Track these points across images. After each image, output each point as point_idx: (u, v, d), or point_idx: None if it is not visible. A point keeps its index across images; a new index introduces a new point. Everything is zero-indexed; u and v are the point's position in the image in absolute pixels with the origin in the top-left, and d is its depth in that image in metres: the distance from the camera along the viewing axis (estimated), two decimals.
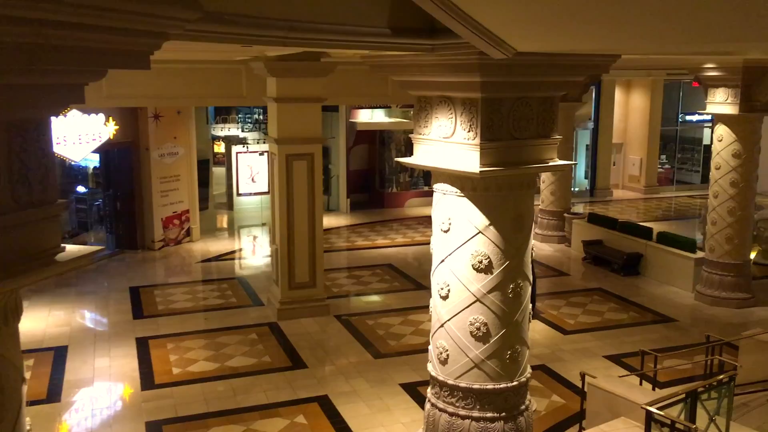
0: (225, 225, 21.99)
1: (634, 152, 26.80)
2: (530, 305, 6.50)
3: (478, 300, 6.17)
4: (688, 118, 27.26)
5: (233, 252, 18.68)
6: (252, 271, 17.05)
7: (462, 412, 6.39)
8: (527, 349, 6.53)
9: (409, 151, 22.46)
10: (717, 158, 14.16)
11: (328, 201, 23.43)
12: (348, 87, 16.70)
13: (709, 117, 27.08)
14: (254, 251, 19.25)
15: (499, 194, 6.02)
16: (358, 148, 24.72)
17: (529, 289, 6.41)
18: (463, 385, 6.35)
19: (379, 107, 23.69)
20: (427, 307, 13.84)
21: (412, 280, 15.98)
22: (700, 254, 15.05)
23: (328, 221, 21.41)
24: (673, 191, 26.80)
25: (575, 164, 24.51)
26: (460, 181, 6.06)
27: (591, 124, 25.63)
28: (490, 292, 6.14)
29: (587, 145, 26.11)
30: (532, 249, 6.42)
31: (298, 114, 13.04)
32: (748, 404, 8.94)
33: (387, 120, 24.09)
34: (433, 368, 6.67)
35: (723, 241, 14.16)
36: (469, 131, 5.83)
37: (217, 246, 18.97)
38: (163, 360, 11.43)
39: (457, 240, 6.18)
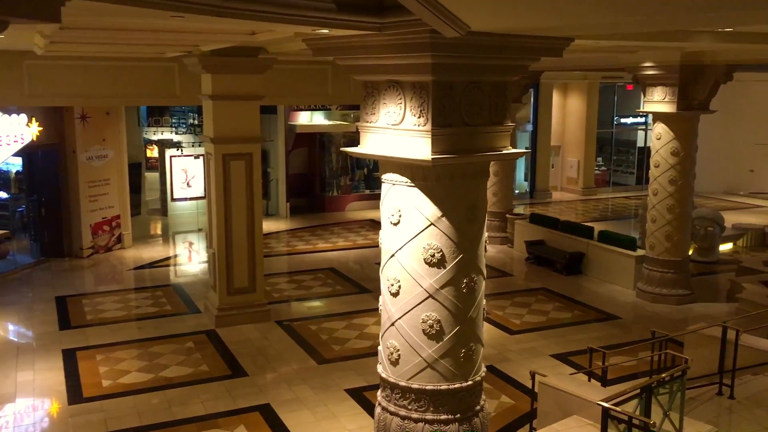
0: (159, 231, 21.16)
1: (572, 154, 27.15)
2: (484, 301, 6.22)
3: (430, 296, 5.84)
4: (623, 120, 27.81)
5: (168, 259, 17.93)
6: (188, 277, 16.37)
7: (415, 415, 6.04)
8: (482, 347, 6.24)
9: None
10: (656, 156, 14.30)
11: (267, 205, 22.84)
12: (287, 86, 16.29)
13: (642, 120, 27.82)
14: (190, 258, 18.54)
15: (452, 183, 5.72)
16: (298, 152, 24.24)
17: (483, 283, 6.13)
18: (415, 386, 6.01)
19: (319, 109, 23.28)
20: (372, 310, 13.68)
21: (355, 283, 15.62)
22: (640, 252, 15.19)
23: (268, 226, 20.74)
24: (610, 192, 27.27)
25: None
26: (411, 170, 5.73)
27: (530, 127, 25.83)
28: (443, 287, 5.82)
29: (526, 147, 26.29)
30: (486, 242, 6.14)
31: (234, 112, 12.53)
32: (697, 399, 8.90)
33: (327, 122, 23.69)
34: (383, 370, 6.31)
35: (663, 238, 14.31)
36: (419, 117, 5.51)
37: (151, 253, 18.18)
38: (92, 372, 10.73)
39: (408, 233, 5.85)
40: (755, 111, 25.68)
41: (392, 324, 6.09)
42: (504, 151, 5.88)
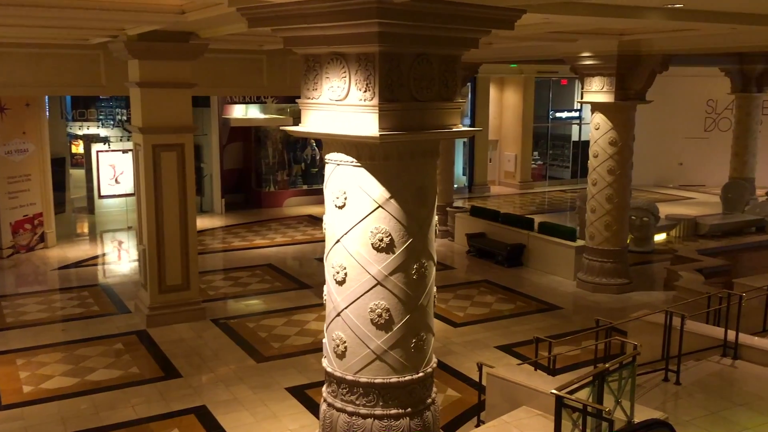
0: (85, 230, 20.13)
1: (509, 149, 27.30)
2: (434, 288, 5.91)
3: (378, 283, 5.50)
4: (558, 115, 28.13)
5: (95, 258, 17.03)
6: (117, 277, 15.57)
7: (363, 411, 5.69)
8: (433, 337, 5.94)
9: (287, 149, 21.48)
10: (594, 146, 14.35)
11: (201, 202, 22.07)
12: (221, 76, 15.68)
13: (577, 114, 28.20)
14: (120, 257, 17.67)
15: (401, 163, 5.38)
16: (232, 146, 23.56)
17: (434, 270, 5.83)
18: (363, 380, 5.66)
19: (254, 102, 22.64)
20: (313, 306, 13.27)
21: (295, 279, 15.17)
22: (580, 242, 15.24)
23: (202, 223, 20.12)
24: (546, 186, 27.53)
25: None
26: (357, 148, 5.37)
27: (467, 121, 25.82)
28: (392, 273, 5.49)
29: (464, 142, 26.29)
30: (436, 227, 5.83)
31: (164, 100, 11.89)
32: (642, 385, 8.84)
33: (262, 116, 23.09)
34: (329, 364, 5.93)
35: (602, 228, 14.37)
36: (365, 91, 5.15)
37: (77, 252, 17.24)
38: (11, 378, 9.96)
39: (354, 216, 5.49)
40: (684, 106, 26.36)
41: (338, 314, 5.72)
42: (454, 129, 5.58)
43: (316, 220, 20.81)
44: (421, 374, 5.77)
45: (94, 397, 9.43)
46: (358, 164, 5.40)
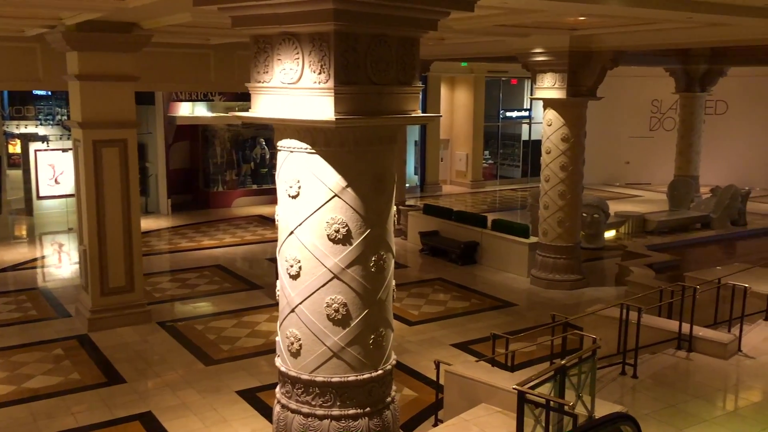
0: (24, 232, 19.27)
1: (460, 148, 27.31)
2: (393, 282, 5.67)
3: (335, 276, 5.22)
4: (508, 114, 28.27)
5: (34, 260, 16.28)
6: (57, 280, 14.90)
7: (320, 412, 5.40)
8: (392, 332, 5.69)
9: (236, 148, 20.92)
10: (547, 143, 14.35)
11: (147, 202, 21.40)
12: (166, 71, 15.21)
13: (527, 114, 28.40)
14: (60, 259, 16.92)
15: (357, 150, 5.12)
16: (179, 145, 22.91)
17: (393, 262, 5.58)
18: (320, 379, 5.37)
19: (201, 100, 22.04)
20: (264, 306, 12.88)
21: (245, 280, 14.75)
22: (533, 239, 15.22)
23: (147, 224, 19.50)
24: (497, 185, 27.63)
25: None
26: (311, 134, 5.08)
27: None
28: (349, 266, 5.22)
29: (416, 141, 26.19)
30: (395, 216, 5.59)
31: (105, 94, 11.38)
32: (600, 379, 8.76)
33: (209, 114, 22.51)
34: (282, 363, 5.62)
35: (555, 224, 14.38)
36: (320, 74, 4.87)
37: (13, 255, 16.46)
38: None
39: (309, 206, 5.20)
40: (630, 106, 26.81)
41: (292, 310, 5.42)
42: (413, 115, 5.34)
43: (267, 221, 20.38)
44: (380, 372, 5.52)
45: (31, 405, 8.90)
46: (313, 151, 5.11)
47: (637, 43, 13.13)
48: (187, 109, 22.25)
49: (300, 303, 5.35)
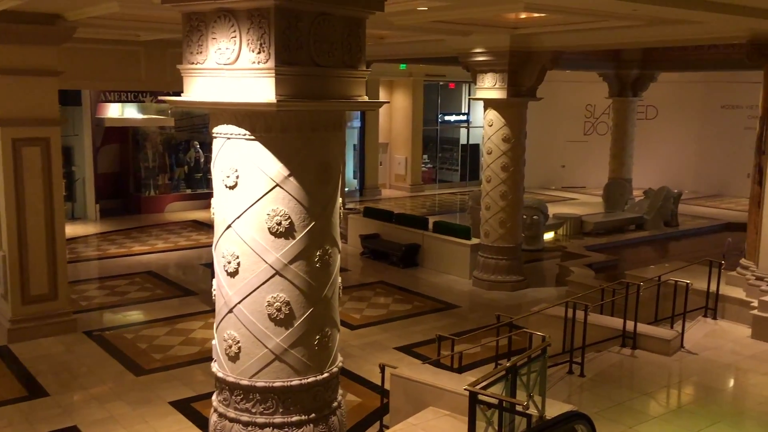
0: None
1: (399, 152, 27.17)
2: (339, 278, 5.33)
3: (277, 273, 4.85)
4: (446, 118, 28.29)
5: None
6: None
7: (260, 420, 5.01)
8: (338, 332, 5.35)
9: (169, 151, 20.11)
10: (488, 143, 14.27)
11: (74, 208, 20.42)
12: (93, 68, 14.49)
13: (465, 118, 28.49)
14: None
15: (301, 136, 4.77)
16: (108, 148, 21.99)
17: (339, 257, 5.24)
18: (261, 384, 4.98)
19: (131, 101, 21.17)
20: (198, 313, 12.31)
21: (178, 286, 14.15)
22: (475, 240, 15.12)
23: (74, 230, 18.60)
24: (437, 189, 27.60)
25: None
26: (250, 119, 4.71)
27: (357, 123, 25.47)
28: (292, 261, 4.86)
29: (354, 145, 25.91)
30: (341, 209, 5.26)
31: (26, 89, 10.69)
32: (548, 379, 8.62)
33: (140, 116, 21.66)
34: (220, 368, 5.21)
35: (497, 225, 14.31)
36: (259, 53, 4.51)
37: None
38: None
39: (248, 197, 4.82)
40: (565, 111, 27.20)
41: (230, 311, 5.02)
42: (359, 100, 5.03)
43: (202, 225, 19.71)
44: (326, 375, 5.17)
45: None
46: (252, 137, 4.74)
47: (576, 43, 13.21)
48: (116, 111, 21.35)
49: (239, 302, 4.96)
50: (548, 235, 18.71)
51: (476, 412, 5.95)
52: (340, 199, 5.24)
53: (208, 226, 17.03)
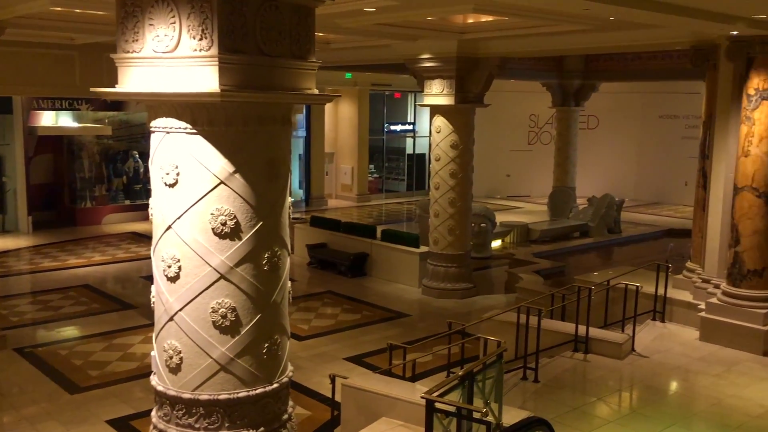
0: None
1: (346, 161, 26.91)
2: (289, 282, 5.03)
3: (222, 277, 4.52)
4: (392, 128, 28.18)
5: None
6: None
7: None
8: (288, 340, 5.04)
9: (106, 161, 19.39)
10: (436, 150, 14.15)
11: (4, 220, 19.48)
12: (24, 73, 13.81)
13: (411, 127, 28.45)
14: None
15: (247, 130, 4.47)
16: (41, 158, 21.06)
17: (288, 259, 4.94)
18: (205, 397, 4.63)
19: (66, 109, 20.34)
20: (137, 327, 11.76)
21: (117, 300, 13.55)
22: (424, 249, 14.96)
23: (4, 243, 17.74)
24: (383, 199, 27.42)
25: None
26: (191, 111, 4.38)
27: (303, 132, 25.12)
28: (238, 264, 4.54)
29: (300, 155, 25.53)
30: (290, 210, 4.97)
31: None
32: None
33: (76, 125, 20.83)
34: (159, 381, 4.83)
35: (446, 232, 14.18)
36: (200, 40, 4.21)
37: None
38: None
39: (190, 196, 4.48)
40: (509, 120, 27.42)
41: (170, 318, 4.66)
42: (309, 93, 4.76)
43: (141, 238, 19.01)
44: (275, 385, 4.85)
45: None
46: (194, 131, 4.42)
47: (522, 49, 13.24)
48: (50, 119, 20.48)
49: (180, 309, 4.60)
50: (496, 243, 18.72)
51: (434, 421, 5.70)
52: (289, 199, 4.95)
53: (148, 238, 16.48)
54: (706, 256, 10.74)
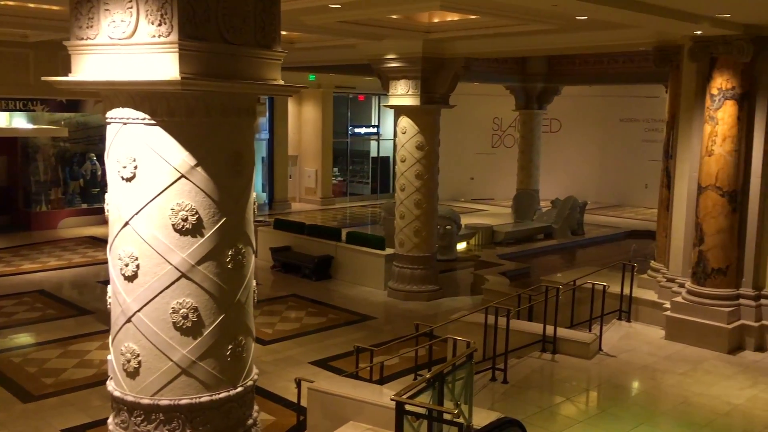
0: None
1: (309, 164, 26.66)
2: (254, 281, 4.83)
3: (183, 275, 4.30)
4: (357, 131, 28.02)
5: None
6: None
7: None
8: (253, 342, 4.84)
9: (62, 164, 18.91)
10: (402, 151, 14.04)
11: None
12: None
13: (375, 130, 28.33)
14: None
15: (209, 121, 4.27)
16: None
17: (253, 257, 4.74)
18: (165, 402, 4.40)
19: (21, 110, 19.67)
20: (95, 333, 11.37)
21: (73, 305, 13.15)
22: (389, 251, 14.82)
23: None
24: (348, 202, 27.22)
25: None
26: (150, 101, 4.16)
27: (266, 135, 24.80)
28: (200, 262, 4.33)
29: (263, 158, 25.20)
30: (255, 205, 4.77)
31: None
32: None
33: (30, 126, 20.19)
34: (116, 386, 4.58)
35: (411, 234, 14.07)
36: (159, 25, 3.99)
37: None
38: None
39: (148, 190, 4.26)
40: (473, 124, 27.49)
41: (128, 320, 4.42)
42: (274, 83, 4.58)
43: (99, 242, 18.50)
44: (239, 389, 4.64)
45: None
46: (153, 122, 4.20)
47: (487, 49, 13.21)
48: (2, 120, 19.82)
49: (138, 310, 4.37)
50: (461, 245, 18.68)
51: (404, 423, 5.55)
52: (254, 194, 4.76)
53: (105, 242, 16.05)
54: (671, 255, 10.80)
